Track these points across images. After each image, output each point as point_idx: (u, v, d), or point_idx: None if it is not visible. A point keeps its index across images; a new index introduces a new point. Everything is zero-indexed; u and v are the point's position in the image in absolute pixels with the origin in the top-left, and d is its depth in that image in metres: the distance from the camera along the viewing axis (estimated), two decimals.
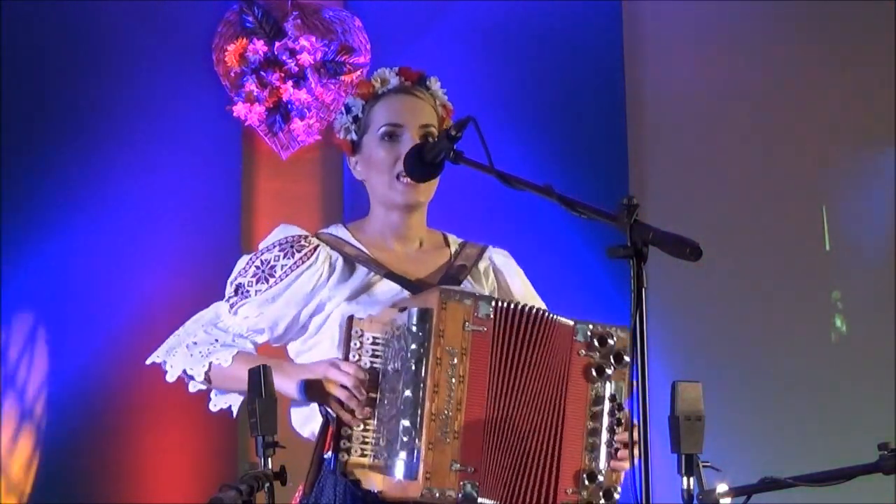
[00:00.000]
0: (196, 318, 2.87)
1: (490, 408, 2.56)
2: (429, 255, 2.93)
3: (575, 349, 2.63)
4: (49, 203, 4.72)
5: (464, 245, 2.98)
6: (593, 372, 2.63)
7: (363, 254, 2.85)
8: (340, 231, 2.92)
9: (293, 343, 2.87)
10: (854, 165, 5.53)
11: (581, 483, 2.60)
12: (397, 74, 2.92)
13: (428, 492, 2.49)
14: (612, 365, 2.63)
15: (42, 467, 4.62)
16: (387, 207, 2.89)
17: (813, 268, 5.45)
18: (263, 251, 2.84)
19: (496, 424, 2.57)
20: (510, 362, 2.59)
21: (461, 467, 2.52)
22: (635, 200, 2.33)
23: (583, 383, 2.63)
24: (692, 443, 2.66)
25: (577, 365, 2.63)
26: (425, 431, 2.50)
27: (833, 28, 5.52)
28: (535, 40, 5.29)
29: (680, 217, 5.07)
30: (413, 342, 2.55)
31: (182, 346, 2.80)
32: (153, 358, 2.87)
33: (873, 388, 5.22)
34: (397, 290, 2.80)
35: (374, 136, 2.88)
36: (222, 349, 2.77)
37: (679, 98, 5.48)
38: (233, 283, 2.84)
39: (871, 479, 2.99)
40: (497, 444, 2.57)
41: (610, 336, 2.64)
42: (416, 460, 2.50)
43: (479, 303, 2.58)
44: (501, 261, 3.00)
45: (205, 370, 2.76)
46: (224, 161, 5.00)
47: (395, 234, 2.90)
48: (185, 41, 4.99)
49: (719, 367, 5.19)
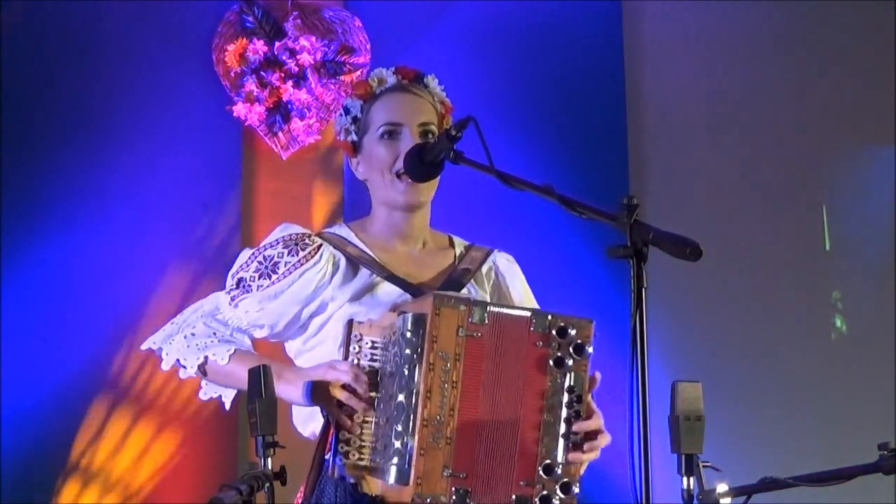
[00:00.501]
0: (195, 307, 2.86)
1: (481, 412, 2.56)
2: (433, 257, 2.92)
3: (532, 340, 2.60)
4: (49, 203, 4.72)
5: (469, 248, 2.98)
6: (550, 364, 2.59)
7: (366, 255, 2.85)
8: (343, 230, 2.92)
9: (292, 342, 2.87)
10: (854, 165, 5.53)
11: (537, 476, 2.57)
12: (394, 73, 2.91)
13: (419, 497, 2.48)
14: (571, 356, 2.60)
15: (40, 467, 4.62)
16: (389, 207, 2.89)
17: (813, 268, 5.45)
18: (267, 247, 2.83)
19: (487, 429, 2.56)
20: (496, 366, 2.59)
21: (453, 473, 2.51)
22: (635, 200, 2.32)
23: (538, 376, 2.59)
24: (692, 443, 2.65)
25: (533, 357, 2.59)
26: (417, 437, 2.50)
27: (833, 28, 5.52)
28: (536, 40, 5.29)
29: (680, 217, 5.07)
30: (407, 347, 2.54)
31: (180, 335, 2.80)
32: (149, 343, 2.86)
33: (873, 388, 5.22)
34: (399, 292, 2.80)
35: (373, 136, 2.88)
36: (220, 344, 2.77)
37: (679, 98, 5.48)
38: (234, 275, 2.83)
39: (871, 479, 2.99)
40: (486, 448, 2.56)
41: (570, 326, 2.61)
42: (408, 465, 2.50)
43: (474, 308, 2.58)
44: (505, 265, 2.99)
45: (199, 363, 2.77)
46: (224, 161, 5.00)
47: (398, 234, 2.90)
48: (185, 41, 4.99)
49: (719, 367, 5.19)
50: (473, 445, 2.54)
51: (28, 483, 4.59)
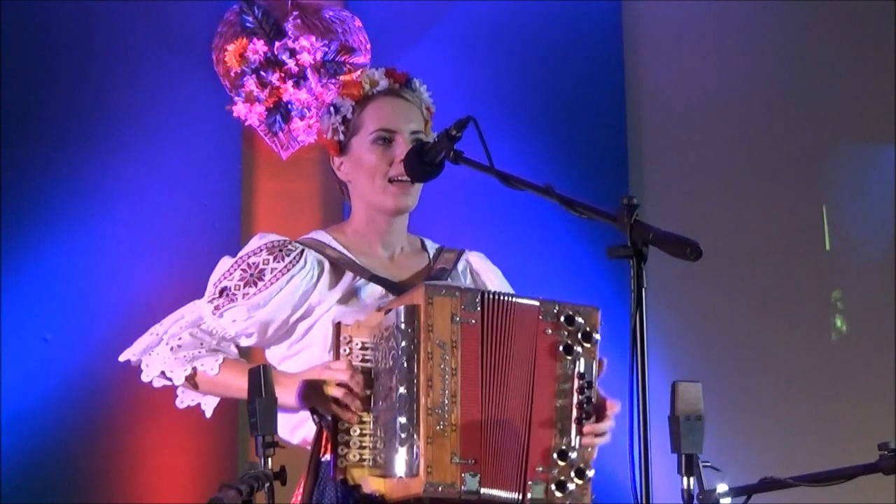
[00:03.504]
0: (175, 317, 2.84)
1: (485, 398, 2.56)
2: (409, 260, 2.94)
3: (541, 328, 2.63)
4: (49, 203, 4.72)
5: (441, 250, 3.00)
6: (561, 350, 2.62)
7: (346, 258, 2.85)
8: (321, 235, 2.92)
9: (276, 348, 2.86)
10: (854, 165, 5.53)
11: (552, 461, 2.58)
12: (385, 76, 2.91)
13: (430, 486, 2.48)
14: (580, 343, 2.63)
15: (41, 468, 4.62)
16: (373, 211, 2.89)
17: (813, 268, 5.45)
18: (250, 254, 2.82)
19: (492, 414, 2.56)
20: (498, 351, 2.59)
21: (462, 460, 2.51)
22: (635, 200, 2.33)
23: (550, 362, 2.61)
24: (692, 443, 2.66)
25: (544, 344, 2.62)
26: (423, 426, 2.50)
27: (833, 27, 5.52)
28: (535, 40, 5.29)
29: (680, 217, 5.08)
30: (403, 340, 2.55)
31: (163, 346, 2.79)
32: (127, 355, 2.85)
33: (873, 388, 5.21)
34: (382, 292, 2.81)
35: (364, 140, 2.87)
36: (207, 355, 2.77)
37: (679, 98, 5.48)
38: (217, 284, 2.82)
39: (871, 479, 2.99)
40: (493, 432, 2.56)
41: (577, 314, 2.64)
42: (416, 456, 2.50)
43: (466, 295, 2.59)
44: (478, 262, 3.01)
45: (186, 374, 2.76)
46: (224, 161, 5.00)
47: (379, 237, 2.91)
48: (185, 41, 4.99)
49: (719, 367, 5.18)
50: (479, 431, 2.55)
51: (28, 483, 4.59)
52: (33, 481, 4.59)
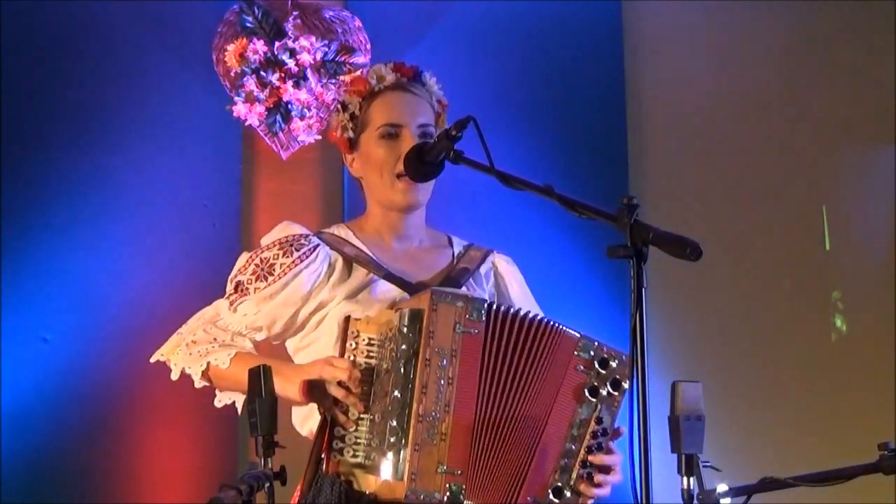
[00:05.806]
0: (198, 315, 2.88)
1: (479, 410, 2.55)
2: (430, 255, 2.92)
3: (573, 364, 2.62)
4: (49, 203, 4.72)
5: (468, 247, 2.98)
6: (586, 392, 2.61)
7: (363, 254, 2.85)
8: (342, 230, 2.92)
9: (292, 339, 2.88)
10: (854, 165, 5.53)
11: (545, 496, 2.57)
12: (393, 71, 2.91)
13: (413, 493, 2.48)
14: (606, 388, 2.61)
15: (41, 468, 4.62)
16: (386, 207, 2.89)
17: (813, 268, 5.45)
18: (263, 249, 2.84)
19: (484, 427, 2.56)
20: (502, 366, 2.58)
21: (448, 469, 2.51)
22: (635, 200, 2.33)
23: (572, 400, 2.61)
24: (692, 443, 2.65)
25: (571, 380, 2.62)
26: (412, 432, 2.50)
27: (833, 28, 5.52)
28: (535, 40, 5.29)
29: (680, 217, 5.08)
30: (403, 343, 2.54)
31: (182, 344, 2.81)
32: (157, 356, 2.88)
33: (873, 388, 5.21)
34: (396, 290, 2.80)
35: (372, 135, 2.88)
36: (220, 349, 2.78)
37: (679, 98, 5.48)
38: (233, 280, 2.84)
39: (871, 479, 2.99)
40: (485, 447, 2.55)
41: (613, 359, 2.63)
42: (403, 461, 2.50)
43: (472, 305, 2.57)
44: (504, 266, 2.99)
45: (202, 369, 2.77)
46: (224, 161, 5.00)
47: (394, 232, 2.91)
48: (185, 41, 4.99)
49: (719, 367, 5.18)
50: (470, 443, 2.54)
51: (28, 483, 4.59)
52: (33, 481, 4.59)
